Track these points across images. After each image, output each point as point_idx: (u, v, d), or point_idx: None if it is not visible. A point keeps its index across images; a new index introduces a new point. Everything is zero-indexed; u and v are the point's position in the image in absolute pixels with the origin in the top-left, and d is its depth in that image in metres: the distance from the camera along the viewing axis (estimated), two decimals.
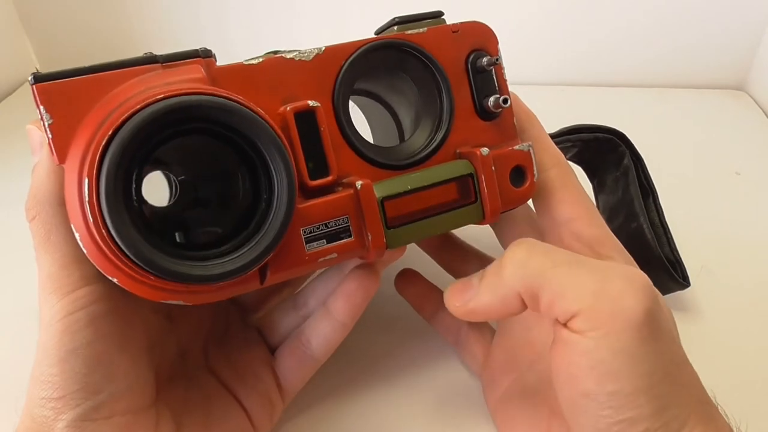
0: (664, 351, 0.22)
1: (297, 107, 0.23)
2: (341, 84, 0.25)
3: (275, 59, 0.24)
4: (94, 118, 0.20)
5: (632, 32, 0.63)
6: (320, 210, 0.23)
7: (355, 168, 0.25)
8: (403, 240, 0.25)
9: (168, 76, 0.21)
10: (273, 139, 0.21)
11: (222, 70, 0.23)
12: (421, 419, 0.31)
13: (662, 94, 0.64)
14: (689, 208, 0.45)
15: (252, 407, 0.27)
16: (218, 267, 0.21)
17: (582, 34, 0.64)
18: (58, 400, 0.22)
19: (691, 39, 0.62)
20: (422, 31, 0.26)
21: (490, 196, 0.26)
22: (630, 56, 0.65)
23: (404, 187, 0.25)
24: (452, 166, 0.26)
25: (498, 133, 0.27)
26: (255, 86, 0.23)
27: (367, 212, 0.24)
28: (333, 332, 0.28)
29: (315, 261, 0.24)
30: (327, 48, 0.24)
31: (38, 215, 0.22)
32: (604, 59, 0.65)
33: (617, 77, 0.66)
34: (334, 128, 0.25)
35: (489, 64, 0.26)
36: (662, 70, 0.65)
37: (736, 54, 0.63)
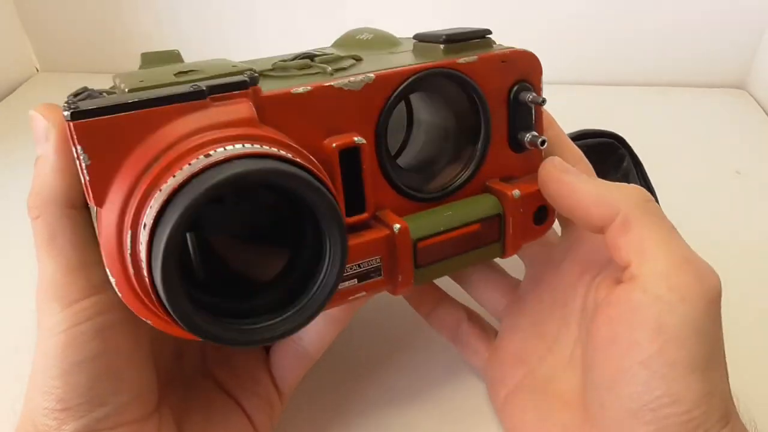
0: (720, 337, 0.22)
1: (342, 144, 0.22)
2: (386, 114, 0.24)
3: (323, 88, 0.22)
4: (137, 161, 0.18)
5: (633, 31, 0.63)
6: (355, 251, 0.23)
7: (389, 200, 0.24)
8: (429, 278, 0.25)
9: (218, 115, 0.19)
10: (332, 209, 0.19)
11: (269, 100, 0.21)
12: (424, 421, 0.31)
13: (663, 92, 0.64)
14: (689, 207, 0.45)
15: (252, 409, 0.27)
16: (265, 331, 0.20)
17: (582, 33, 0.64)
18: (61, 411, 0.21)
19: (692, 38, 0.62)
20: (473, 60, 0.25)
21: (514, 237, 0.26)
22: (630, 55, 0.65)
23: (437, 228, 0.25)
24: (481, 204, 0.26)
25: (525, 164, 0.27)
26: (301, 117, 0.22)
27: (401, 254, 0.23)
28: (325, 327, 0.27)
29: (344, 300, 0.23)
30: (377, 76, 0.23)
31: (42, 215, 0.21)
32: (605, 58, 0.65)
33: (618, 76, 0.66)
34: (374, 161, 0.24)
35: (533, 101, 0.26)
36: (663, 68, 0.65)
37: (737, 53, 0.63)
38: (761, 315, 0.36)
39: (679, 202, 0.45)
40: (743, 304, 0.37)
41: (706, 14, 0.61)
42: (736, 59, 0.63)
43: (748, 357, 0.33)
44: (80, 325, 0.21)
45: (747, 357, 0.33)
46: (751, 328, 0.35)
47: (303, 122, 0.22)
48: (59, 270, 0.21)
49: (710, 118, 0.60)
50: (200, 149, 0.18)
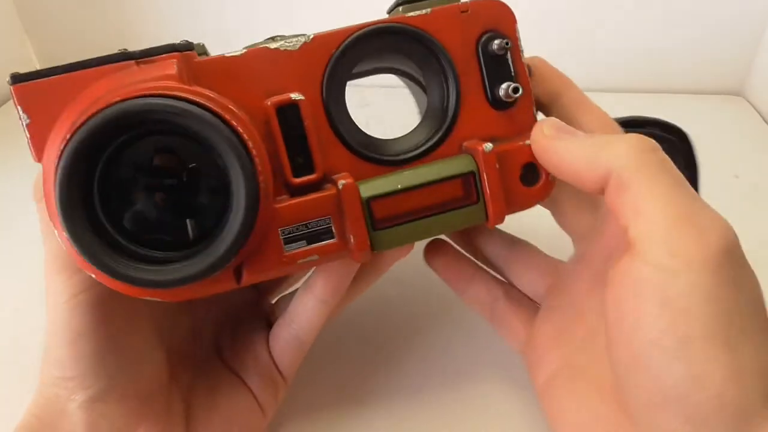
0: (744, 301, 0.19)
1: (278, 101, 0.22)
2: (331, 75, 0.23)
3: (258, 50, 0.23)
4: (67, 118, 0.20)
5: (630, 38, 0.63)
6: (299, 210, 0.22)
7: (348, 164, 0.23)
8: (390, 243, 0.23)
9: (140, 73, 0.21)
10: (229, 141, 0.20)
11: (202, 64, 0.22)
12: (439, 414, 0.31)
13: (660, 99, 0.64)
14: None
15: (256, 389, 0.28)
16: (174, 272, 0.20)
17: (580, 40, 0.64)
18: (69, 380, 0.22)
19: (689, 45, 0.63)
20: (425, 12, 0.24)
21: (493, 197, 0.24)
22: (628, 62, 0.65)
23: (393, 186, 0.23)
24: (452, 163, 0.24)
25: (512, 123, 0.25)
26: (237, 80, 0.22)
27: (348, 213, 0.22)
28: (313, 310, 0.26)
29: (294, 263, 0.23)
30: (315, 36, 0.23)
31: (48, 195, 0.21)
32: (603, 64, 0.65)
33: (615, 82, 0.66)
34: (324, 122, 0.23)
35: (500, 48, 0.24)
36: (660, 75, 0.65)
37: (734, 60, 0.63)
38: None
39: None
40: None
41: (703, 21, 0.61)
42: (733, 66, 0.63)
43: None
44: (81, 294, 0.22)
45: None
46: None
47: (240, 85, 0.22)
48: (62, 244, 0.22)
49: (708, 125, 0.60)
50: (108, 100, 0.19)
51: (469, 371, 0.33)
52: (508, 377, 0.32)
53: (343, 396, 0.32)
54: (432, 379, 0.32)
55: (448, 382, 0.32)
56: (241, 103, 0.22)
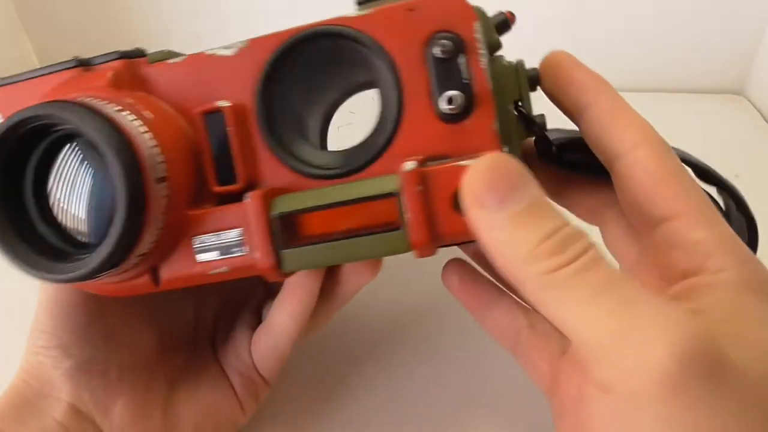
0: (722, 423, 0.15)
1: (205, 108, 0.22)
2: (267, 80, 0.22)
3: (197, 56, 0.22)
4: None
5: (630, 37, 0.63)
6: (211, 220, 0.22)
7: (279, 176, 0.22)
8: (300, 264, 0.21)
9: (83, 81, 0.22)
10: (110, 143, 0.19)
11: (150, 71, 0.23)
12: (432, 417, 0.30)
13: (661, 98, 0.64)
14: None
15: (237, 385, 0.28)
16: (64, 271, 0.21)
17: (580, 39, 0.64)
18: (54, 348, 0.24)
19: (690, 44, 0.63)
20: (367, 12, 0.21)
21: (413, 224, 0.20)
22: (628, 61, 0.65)
23: (307, 202, 0.21)
24: (377, 182, 0.21)
25: (463, 140, 0.21)
26: (180, 86, 0.23)
27: (255, 228, 0.21)
28: (285, 323, 0.26)
29: (206, 273, 0.22)
30: (251, 40, 0.22)
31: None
32: (603, 64, 0.65)
33: (616, 82, 0.65)
34: (255, 131, 0.22)
35: (445, 50, 0.20)
36: (661, 74, 0.65)
37: (735, 59, 0.63)
38: None
39: None
40: None
41: (703, 20, 0.61)
42: (734, 65, 0.63)
43: None
44: None
45: None
46: None
47: (183, 91, 0.23)
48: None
49: (709, 124, 0.60)
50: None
51: (463, 373, 0.33)
52: (504, 378, 0.32)
53: (332, 398, 0.32)
54: (426, 381, 0.32)
55: (442, 383, 0.32)
56: (182, 110, 0.22)
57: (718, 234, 0.19)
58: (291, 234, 0.21)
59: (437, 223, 0.20)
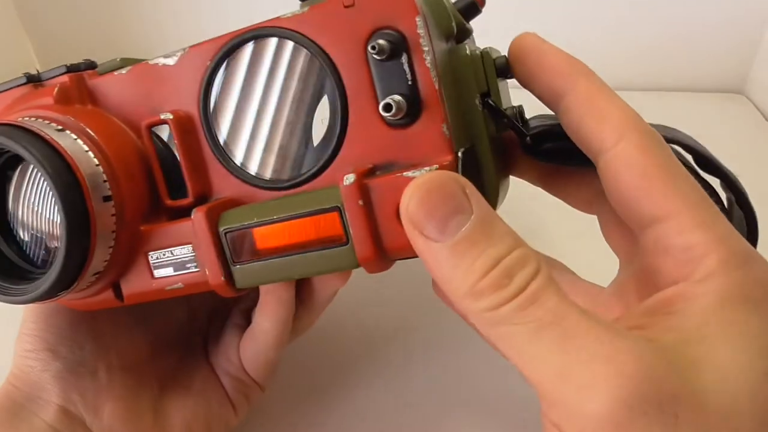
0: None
1: (149, 121, 0.21)
2: (209, 87, 0.21)
3: (141, 66, 0.22)
4: None
5: (631, 36, 0.63)
6: (163, 235, 0.21)
7: (230, 187, 0.22)
8: (252, 280, 0.21)
9: (31, 98, 0.22)
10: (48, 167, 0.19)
11: (97, 84, 0.22)
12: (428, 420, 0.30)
13: (661, 97, 0.64)
14: None
15: (228, 386, 0.28)
16: (18, 294, 0.21)
17: (579, 39, 0.64)
18: (42, 351, 0.24)
19: (690, 42, 0.63)
20: (302, 11, 0.20)
21: (358, 239, 0.19)
22: (629, 59, 0.65)
23: (250, 218, 0.20)
24: (320, 195, 0.20)
25: (412, 146, 0.19)
26: (126, 98, 0.22)
27: (201, 245, 0.21)
28: (268, 330, 0.26)
29: (163, 289, 0.22)
30: (190, 48, 0.21)
31: None
32: (603, 62, 0.65)
33: (616, 80, 0.65)
34: (203, 141, 0.21)
35: (380, 50, 0.18)
36: (661, 73, 0.65)
37: (735, 58, 0.63)
38: None
39: None
40: None
41: (704, 19, 0.61)
42: (734, 64, 0.63)
43: None
44: None
45: None
46: None
47: (131, 104, 0.22)
48: None
49: (709, 123, 0.60)
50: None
51: (456, 376, 0.33)
52: (498, 380, 0.32)
53: (326, 400, 0.32)
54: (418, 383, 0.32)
55: (434, 385, 0.32)
56: (131, 123, 0.22)
57: (714, 236, 0.17)
58: (241, 250, 0.21)
59: (383, 237, 0.19)
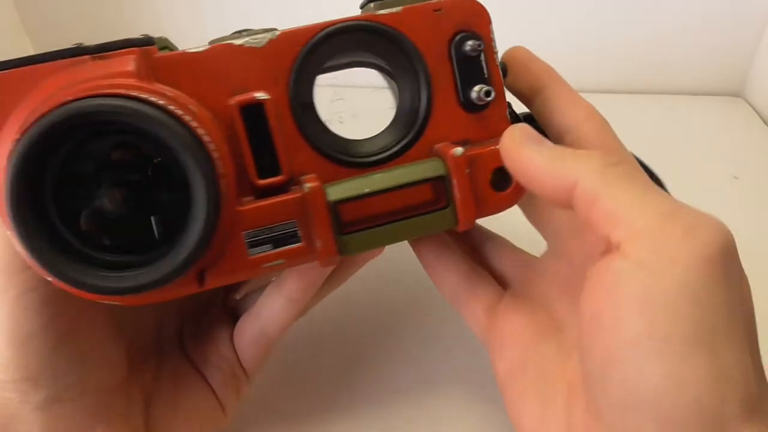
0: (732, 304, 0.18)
1: (242, 100, 0.21)
2: (299, 73, 0.22)
3: (222, 46, 0.22)
4: (19, 115, 0.19)
5: (629, 39, 0.63)
6: (264, 213, 0.21)
7: (316, 166, 0.23)
8: (358, 247, 0.23)
9: (96, 69, 0.20)
10: (186, 143, 0.19)
11: (163, 60, 0.21)
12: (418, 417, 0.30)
13: (660, 100, 0.64)
14: None
15: (218, 386, 0.27)
16: (132, 279, 0.19)
17: (578, 42, 0.64)
18: (22, 381, 0.21)
19: (689, 46, 0.63)
20: (396, 10, 0.23)
21: (462, 202, 0.23)
22: (627, 63, 0.65)
23: (361, 189, 0.22)
24: (422, 167, 0.23)
25: (484, 127, 0.24)
26: (200, 77, 0.21)
27: (315, 217, 0.22)
28: (283, 308, 0.26)
29: (258, 266, 0.22)
30: (281, 33, 0.22)
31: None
32: (602, 65, 0.66)
33: (615, 84, 0.66)
34: (291, 122, 0.22)
35: (473, 49, 0.23)
36: (659, 76, 0.65)
37: (734, 61, 0.63)
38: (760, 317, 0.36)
39: None
40: None
41: (702, 22, 0.61)
42: (733, 67, 0.63)
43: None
44: (29, 294, 0.21)
45: None
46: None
47: (204, 83, 0.21)
48: (6, 242, 0.21)
49: (707, 126, 0.60)
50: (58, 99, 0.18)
51: (450, 372, 0.33)
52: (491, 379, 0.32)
53: (319, 395, 0.32)
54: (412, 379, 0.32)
55: (428, 381, 0.32)
56: (205, 102, 0.21)
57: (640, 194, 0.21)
58: (347, 220, 0.22)
59: (480, 200, 0.23)
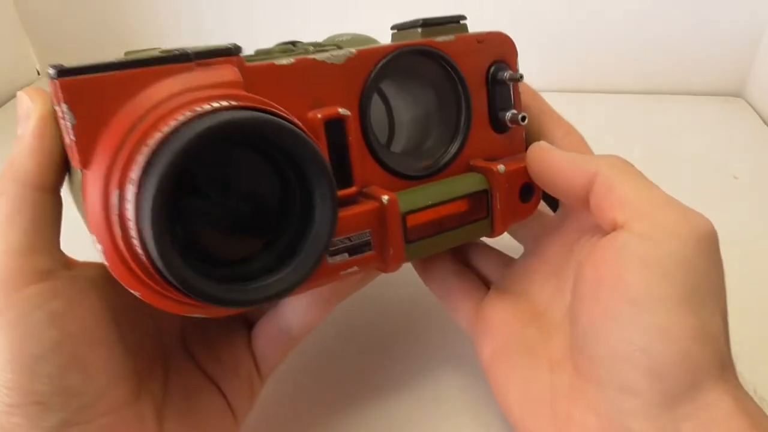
0: (715, 277, 0.22)
1: (327, 114, 0.22)
2: (369, 89, 0.24)
3: (307, 60, 0.23)
4: (123, 121, 0.18)
5: (630, 39, 0.63)
6: (345, 224, 0.23)
7: (375, 177, 0.25)
8: (420, 254, 0.25)
9: (203, 77, 0.20)
10: (320, 163, 0.19)
11: (253, 70, 0.21)
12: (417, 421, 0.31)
13: (660, 100, 0.64)
14: None
15: (231, 393, 0.26)
16: (260, 291, 0.19)
17: (579, 40, 0.64)
18: (30, 406, 0.20)
19: (689, 46, 0.63)
20: (450, 39, 0.26)
21: (501, 212, 0.26)
22: (628, 63, 0.65)
23: (425, 201, 0.25)
24: (468, 181, 0.26)
25: (508, 145, 0.28)
26: (285, 88, 0.22)
27: (391, 227, 0.24)
28: (312, 308, 0.26)
29: (336, 274, 0.23)
30: (358, 51, 0.24)
31: (6, 192, 0.20)
32: (602, 66, 0.66)
33: (615, 84, 0.66)
34: (359, 136, 0.24)
35: (511, 78, 0.26)
36: (660, 76, 0.65)
37: (734, 61, 0.63)
38: (759, 317, 0.36)
39: None
40: (741, 306, 0.37)
41: (703, 22, 0.61)
42: (733, 67, 0.63)
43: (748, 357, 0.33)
44: (33, 313, 0.20)
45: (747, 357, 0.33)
46: (749, 331, 0.35)
47: (287, 94, 0.22)
48: (7, 252, 0.20)
49: (708, 126, 0.60)
50: (187, 106, 0.18)
51: (449, 368, 0.33)
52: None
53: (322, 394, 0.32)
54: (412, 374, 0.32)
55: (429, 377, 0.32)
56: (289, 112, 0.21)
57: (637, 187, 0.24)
58: (415, 228, 0.25)
59: (511, 209, 0.27)
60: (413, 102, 0.28)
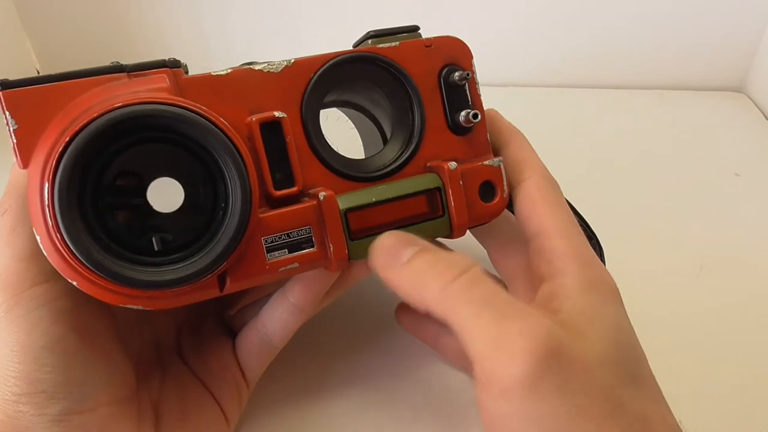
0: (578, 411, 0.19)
1: (262, 118, 0.24)
2: (310, 96, 0.25)
3: (243, 70, 0.24)
4: (57, 125, 0.21)
5: (631, 33, 0.63)
6: (282, 220, 0.24)
7: (324, 180, 0.25)
8: (365, 252, 0.25)
9: (133, 85, 0.22)
10: (227, 148, 0.21)
11: (189, 81, 0.23)
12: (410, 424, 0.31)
13: (662, 95, 0.64)
14: (689, 209, 0.45)
15: (221, 396, 0.28)
16: (170, 273, 0.21)
17: (580, 35, 0.64)
18: (36, 395, 0.22)
19: (691, 41, 0.63)
20: (395, 45, 0.26)
21: (457, 211, 0.26)
22: (629, 58, 0.65)
23: (368, 199, 0.25)
24: (420, 180, 0.26)
25: (470, 147, 0.28)
26: (222, 97, 0.24)
27: (329, 223, 0.24)
28: (289, 317, 0.27)
29: (276, 270, 0.24)
30: (296, 60, 0.25)
31: (9, 209, 0.22)
32: (603, 61, 0.65)
33: (617, 79, 0.66)
34: (302, 140, 0.25)
35: (461, 79, 0.27)
36: (662, 72, 0.65)
37: (736, 56, 0.63)
38: (761, 315, 0.36)
39: (679, 204, 0.45)
40: (743, 304, 0.37)
41: (705, 17, 0.61)
42: (735, 62, 0.63)
43: (747, 357, 0.33)
44: (39, 309, 0.22)
45: (746, 357, 0.33)
46: (751, 328, 0.35)
47: (226, 103, 0.24)
48: (13, 257, 0.22)
49: (709, 121, 0.60)
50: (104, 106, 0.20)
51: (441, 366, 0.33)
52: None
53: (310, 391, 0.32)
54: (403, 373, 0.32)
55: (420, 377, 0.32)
56: (228, 120, 0.23)
57: (571, 244, 0.24)
58: (355, 227, 0.25)
59: (471, 210, 0.27)
60: (381, 109, 0.29)
